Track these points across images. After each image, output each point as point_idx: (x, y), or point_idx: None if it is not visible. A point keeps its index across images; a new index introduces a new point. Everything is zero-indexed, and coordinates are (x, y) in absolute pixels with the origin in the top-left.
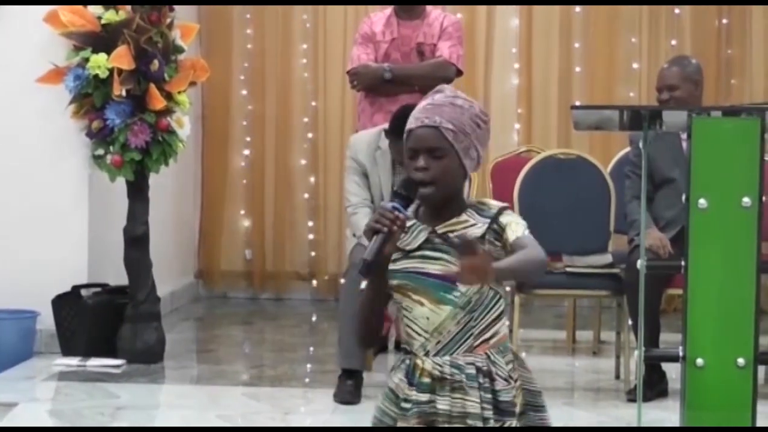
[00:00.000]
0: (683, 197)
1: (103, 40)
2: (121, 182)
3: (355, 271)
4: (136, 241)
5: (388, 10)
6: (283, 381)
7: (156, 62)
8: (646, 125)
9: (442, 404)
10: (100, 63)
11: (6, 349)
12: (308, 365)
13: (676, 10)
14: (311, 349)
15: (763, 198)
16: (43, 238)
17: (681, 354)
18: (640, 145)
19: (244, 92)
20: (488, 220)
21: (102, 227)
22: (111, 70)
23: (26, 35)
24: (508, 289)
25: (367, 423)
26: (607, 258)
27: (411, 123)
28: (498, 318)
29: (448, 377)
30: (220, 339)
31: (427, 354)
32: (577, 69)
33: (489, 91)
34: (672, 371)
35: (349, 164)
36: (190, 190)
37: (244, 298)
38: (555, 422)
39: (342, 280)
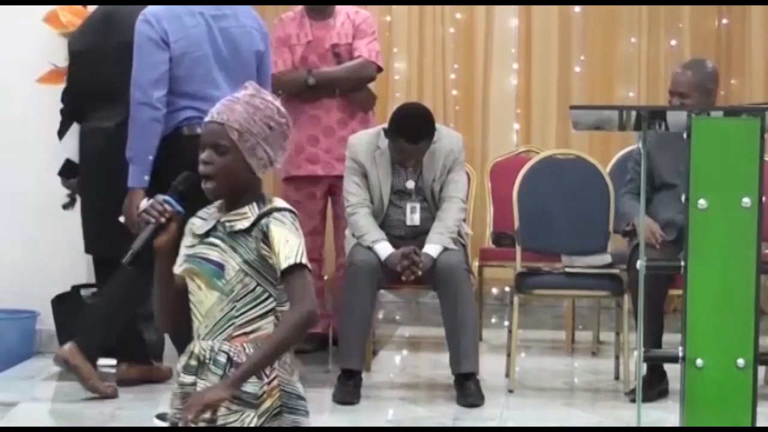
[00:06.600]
0: (683, 198)
1: None
2: None
3: (354, 270)
4: None
5: (299, 9)
6: None
7: None
8: (645, 125)
9: (200, 388)
10: None
11: (6, 348)
12: (307, 365)
13: (676, 10)
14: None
15: (763, 198)
16: (43, 238)
17: (680, 354)
18: (639, 145)
19: None
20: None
21: None
22: None
23: (26, 35)
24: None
25: (367, 423)
26: (607, 258)
27: (208, 115)
28: (264, 315)
29: (207, 362)
30: None
31: (199, 337)
32: (577, 69)
33: (488, 91)
34: (672, 371)
35: (349, 164)
36: None
37: None
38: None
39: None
